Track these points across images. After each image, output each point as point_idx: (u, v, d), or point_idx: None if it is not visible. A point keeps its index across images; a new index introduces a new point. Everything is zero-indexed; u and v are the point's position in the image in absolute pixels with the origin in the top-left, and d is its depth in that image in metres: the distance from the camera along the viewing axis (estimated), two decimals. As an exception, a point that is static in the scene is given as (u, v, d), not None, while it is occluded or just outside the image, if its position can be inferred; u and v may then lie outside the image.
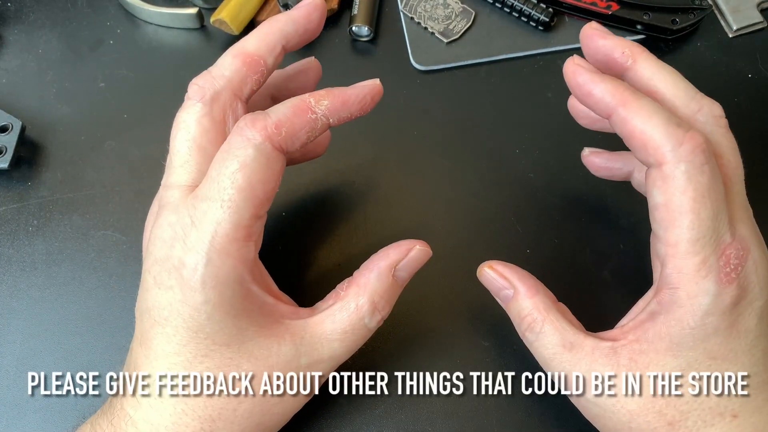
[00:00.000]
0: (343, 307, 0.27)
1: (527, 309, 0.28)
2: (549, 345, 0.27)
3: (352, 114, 0.28)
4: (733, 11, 0.43)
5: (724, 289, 0.24)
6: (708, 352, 0.24)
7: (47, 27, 0.44)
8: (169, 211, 0.25)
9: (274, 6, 0.42)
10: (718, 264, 0.23)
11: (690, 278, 0.24)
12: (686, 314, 0.24)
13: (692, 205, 0.23)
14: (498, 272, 0.29)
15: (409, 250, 0.28)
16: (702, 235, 0.23)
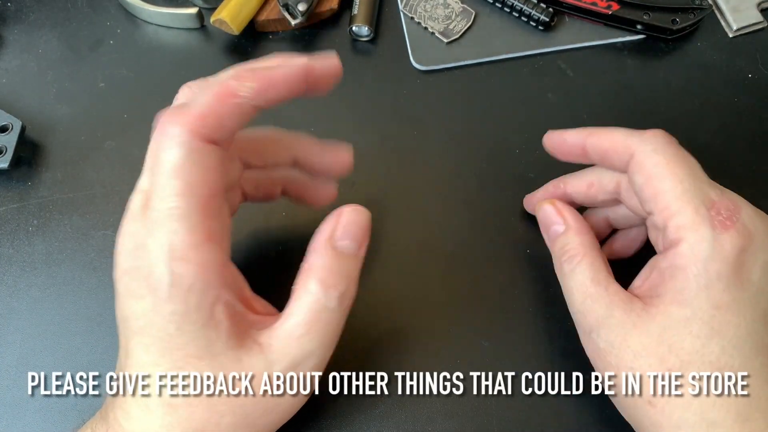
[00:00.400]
0: (297, 299, 0.26)
1: (573, 243, 0.30)
2: (581, 276, 0.29)
3: (281, 96, 0.25)
4: (733, 11, 0.43)
5: (721, 235, 0.25)
6: (712, 300, 0.25)
7: (47, 27, 0.44)
8: (130, 219, 0.25)
9: (274, 6, 0.42)
10: (709, 214, 0.26)
11: (688, 229, 0.26)
12: (689, 262, 0.26)
13: (667, 168, 0.27)
14: (557, 208, 0.32)
15: (339, 216, 0.27)
16: (686, 188, 0.26)
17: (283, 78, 0.25)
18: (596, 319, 0.28)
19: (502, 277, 0.35)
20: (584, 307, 0.28)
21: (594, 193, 0.32)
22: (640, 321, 0.26)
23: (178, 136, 0.23)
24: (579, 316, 0.29)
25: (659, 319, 0.26)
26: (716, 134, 0.39)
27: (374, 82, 0.42)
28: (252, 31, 0.43)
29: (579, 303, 0.29)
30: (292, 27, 0.42)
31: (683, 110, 0.40)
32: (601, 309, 0.28)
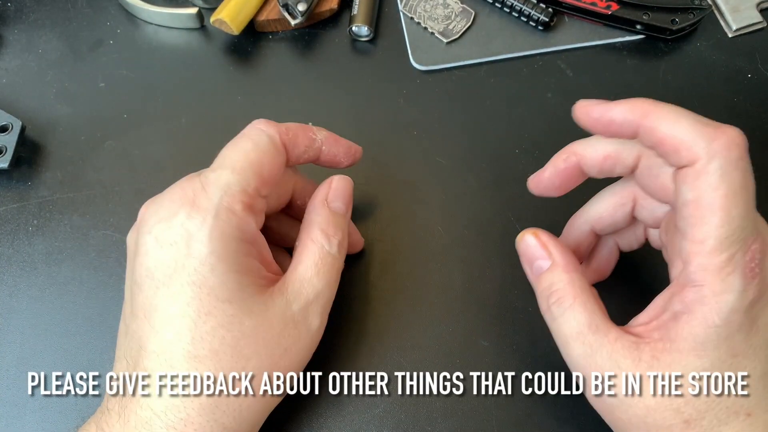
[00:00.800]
0: (303, 248, 0.30)
1: (561, 283, 0.27)
2: (575, 323, 0.26)
3: (338, 156, 0.32)
4: (732, 11, 0.43)
5: (749, 285, 0.23)
6: (731, 350, 0.24)
7: (47, 27, 0.44)
8: (182, 181, 0.28)
9: (274, 6, 0.42)
10: (744, 260, 0.23)
11: (716, 275, 0.23)
12: (711, 312, 0.24)
13: (724, 202, 0.23)
14: (541, 241, 0.29)
15: (330, 183, 0.32)
16: (732, 232, 0.23)
17: (346, 144, 0.33)
18: (599, 371, 0.25)
19: (502, 277, 0.35)
20: (584, 359, 0.26)
21: (609, 166, 0.28)
22: (651, 373, 0.25)
23: (267, 130, 0.29)
24: (578, 368, 0.27)
25: (674, 368, 0.24)
26: (716, 134, 0.39)
27: (374, 82, 0.42)
28: (252, 31, 0.43)
29: (577, 354, 0.26)
30: (291, 27, 0.42)
31: (683, 110, 0.40)
32: (605, 361, 0.25)
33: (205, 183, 0.27)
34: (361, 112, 0.41)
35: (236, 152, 0.28)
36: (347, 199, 0.32)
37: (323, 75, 0.42)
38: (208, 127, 0.40)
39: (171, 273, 0.26)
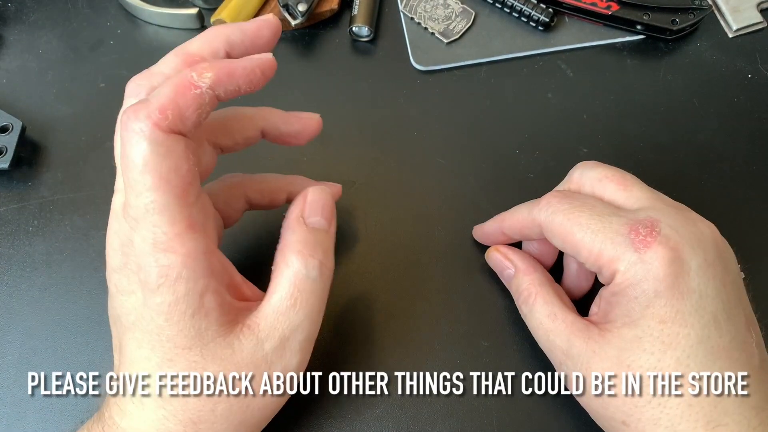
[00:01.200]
0: (277, 275, 0.27)
1: (525, 284, 0.31)
2: (537, 315, 0.30)
3: (241, 87, 0.26)
4: (733, 11, 0.43)
5: (645, 254, 0.26)
6: (656, 317, 0.26)
7: (47, 27, 0.44)
8: (113, 218, 0.26)
9: (275, 6, 0.42)
10: (628, 238, 0.26)
11: (615, 260, 0.27)
12: (626, 288, 0.26)
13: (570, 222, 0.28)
14: (503, 254, 0.34)
15: (304, 197, 0.29)
16: (594, 228, 0.27)
17: (242, 70, 0.25)
18: (561, 352, 0.29)
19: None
20: (548, 343, 0.30)
21: (527, 234, 0.32)
22: (598, 347, 0.27)
23: (142, 131, 0.23)
24: (547, 352, 0.30)
25: (615, 342, 0.27)
26: (716, 134, 0.39)
27: (374, 82, 0.42)
28: (252, 32, 0.43)
29: (543, 340, 0.30)
30: (292, 27, 0.42)
31: (683, 110, 0.40)
32: (563, 342, 0.29)
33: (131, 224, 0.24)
34: (361, 113, 0.41)
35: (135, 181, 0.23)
36: (328, 213, 0.29)
37: (323, 75, 0.42)
38: (208, 127, 0.40)
39: (133, 320, 0.25)
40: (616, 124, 0.40)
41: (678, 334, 0.25)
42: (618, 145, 0.39)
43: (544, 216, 0.29)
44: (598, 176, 0.30)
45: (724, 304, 0.26)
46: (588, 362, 0.27)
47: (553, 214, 0.29)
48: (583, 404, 0.29)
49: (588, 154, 0.39)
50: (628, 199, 0.29)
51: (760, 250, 0.35)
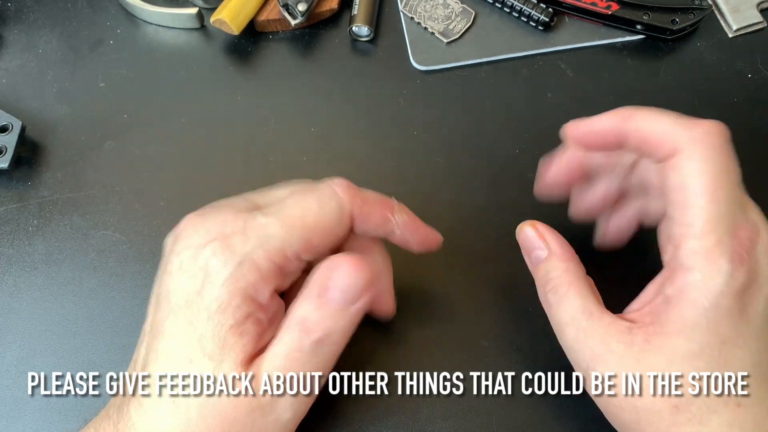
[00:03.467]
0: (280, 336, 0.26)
1: (557, 271, 0.28)
2: (569, 309, 0.27)
3: (412, 244, 0.29)
4: (732, 11, 0.43)
5: (737, 270, 0.24)
6: (719, 335, 0.24)
7: (47, 27, 0.44)
8: (230, 210, 0.26)
9: (274, 6, 0.42)
10: (732, 244, 0.24)
11: (705, 258, 0.24)
12: (700, 295, 0.24)
13: (708, 185, 0.24)
14: (539, 232, 0.30)
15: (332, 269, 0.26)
16: (718, 215, 0.24)
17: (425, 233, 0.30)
18: (592, 355, 0.26)
19: (502, 277, 0.35)
20: (577, 343, 0.27)
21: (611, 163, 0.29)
22: (643, 356, 0.25)
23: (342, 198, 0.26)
24: (572, 352, 0.27)
25: (665, 352, 0.25)
26: (716, 134, 0.39)
27: (374, 82, 0.42)
28: (252, 31, 0.43)
29: (571, 339, 0.27)
30: (292, 27, 0.42)
31: (683, 110, 0.40)
32: (596, 344, 0.26)
33: (248, 225, 0.25)
34: (361, 113, 0.41)
35: (296, 207, 0.26)
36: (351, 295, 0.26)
37: (323, 75, 0.42)
38: (208, 127, 0.40)
39: (182, 305, 0.25)
40: (616, 124, 0.40)
41: (735, 356, 0.24)
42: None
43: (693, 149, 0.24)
44: None
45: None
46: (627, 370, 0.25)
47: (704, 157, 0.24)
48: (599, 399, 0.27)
49: (588, 154, 0.39)
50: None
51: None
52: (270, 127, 0.40)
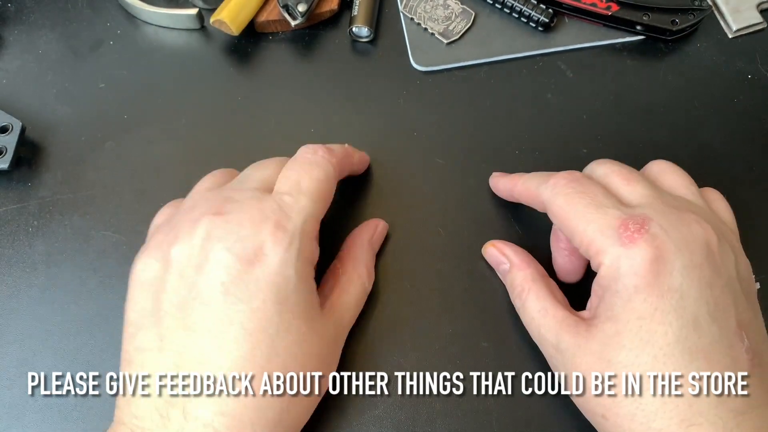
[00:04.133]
0: (349, 280, 0.33)
1: (519, 279, 0.32)
2: (530, 310, 0.31)
3: (359, 171, 0.37)
4: (732, 12, 0.43)
5: (630, 249, 0.26)
6: (636, 312, 0.26)
7: (47, 28, 0.44)
8: (255, 198, 0.29)
9: (274, 7, 0.42)
10: (617, 232, 0.27)
11: (602, 251, 0.27)
12: (610, 281, 0.27)
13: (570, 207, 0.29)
14: (498, 248, 0.35)
15: (376, 227, 0.36)
16: (589, 218, 0.28)
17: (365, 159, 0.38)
18: (551, 346, 0.29)
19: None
20: (539, 338, 0.30)
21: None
22: (584, 342, 0.28)
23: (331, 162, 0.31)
24: (539, 346, 0.31)
25: (598, 337, 0.27)
26: (716, 134, 0.39)
27: (374, 82, 0.42)
28: (252, 32, 0.43)
29: (535, 334, 0.31)
30: (292, 28, 0.42)
31: (683, 111, 0.40)
32: (552, 337, 0.29)
33: (283, 206, 0.28)
34: (361, 113, 0.41)
35: (311, 181, 0.30)
36: (381, 242, 0.36)
37: (323, 76, 0.42)
38: (208, 127, 0.40)
39: (252, 289, 0.27)
40: (616, 124, 0.40)
41: (656, 331, 0.26)
42: (618, 145, 0.39)
43: (548, 195, 0.30)
44: (606, 171, 0.31)
45: (708, 306, 0.26)
46: (573, 357, 0.28)
47: (556, 196, 0.30)
48: (571, 398, 0.29)
49: (588, 154, 0.39)
50: (630, 194, 0.29)
51: (759, 250, 0.35)
52: (270, 127, 0.40)
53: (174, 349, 0.26)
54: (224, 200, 0.29)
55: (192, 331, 0.26)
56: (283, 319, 0.27)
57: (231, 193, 0.30)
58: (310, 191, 0.29)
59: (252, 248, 0.27)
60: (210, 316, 0.26)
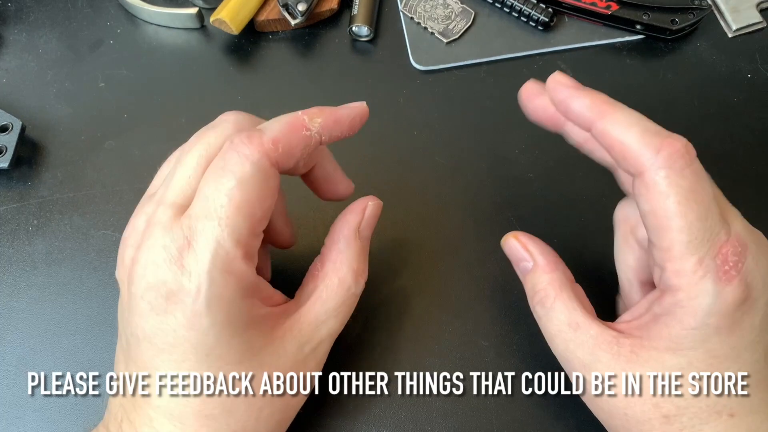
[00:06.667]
0: (327, 287, 0.28)
1: (543, 283, 0.28)
2: (556, 321, 0.27)
3: (342, 133, 0.27)
4: (732, 11, 0.43)
5: (725, 288, 0.23)
6: (709, 351, 0.24)
7: (47, 27, 0.44)
8: (161, 231, 0.24)
9: (274, 6, 0.42)
10: (715, 263, 0.23)
11: (688, 280, 0.24)
12: (687, 315, 0.24)
13: (677, 208, 0.23)
14: (522, 243, 0.30)
15: (363, 209, 0.29)
16: (693, 236, 0.23)
17: (346, 117, 0.27)
18: (581, 364, 0.26)
19: (501, 276, 0.35)
20: (567, 353, 0.27)
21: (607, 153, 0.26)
22: (629, 366, 0.25)
23: (251, 154, 0.24)
24: (562, 361, 0.28)
25: (652, 365, 0.25)
26: (716, 134, 0.39)
27: (374, 82, 0.42)
28: (252, 31, 0.43)
29: (561, 349, 0.27)
30: (291, 27, 0.42)
31: (682, 110, 0.40)
32: (585, 355, 0.26)
33: (190, 237, 0.24)
34: (361, 112, 0.41)
35: (218, 194, 0.24)
36: (373, 227, 0.30)
37: (323, 75, 0.42)
38: (208, 127, 0.40)
39: (172, 341, 0.24)
40: (616, 124, 0.40)
41: (728, 368, 0.24)
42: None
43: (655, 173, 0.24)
44: None
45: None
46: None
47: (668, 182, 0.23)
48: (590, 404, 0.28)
49: (588, 154, 0.39)
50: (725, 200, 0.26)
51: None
52: (270, 127, 0.40)
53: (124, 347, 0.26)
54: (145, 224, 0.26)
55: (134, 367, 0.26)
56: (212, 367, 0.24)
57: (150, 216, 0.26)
58: (217, 210, 0.23)
59: (160, 298, 0.24)
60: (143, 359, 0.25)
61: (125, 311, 0.26)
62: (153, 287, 0.24)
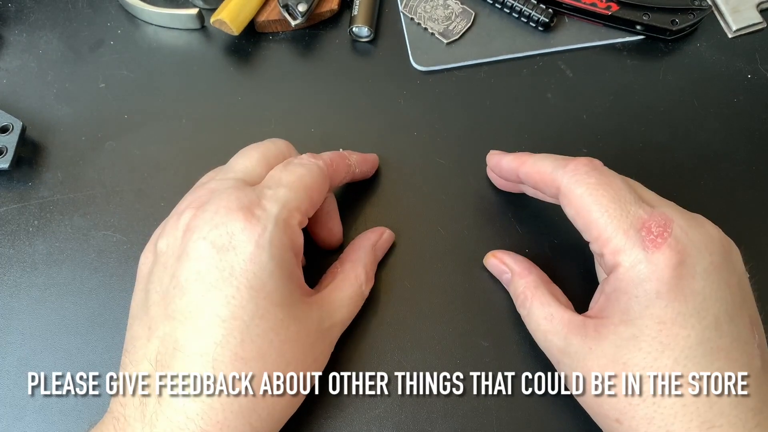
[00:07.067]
0: (345, 279, 0.32)
1: (521, 287, 0.32)
2: (535, 317, 0.31)
3: (367, 172, 0.37)
4: (732, 11, 0.43)
5: (654, 255, 0.26)
6: (655, 317, 0.26)
7: (48, 27, 0.44)
8: (233, 189, 0.29)
9: (274, 6, 0.42)
10: (639, 235, 0.26)
11: (621, 253, 0.27)
12: (628, 285, 0.27)
13: (591, 199, 0.28)
14: (498, 258, 0.34)
15: (382, 233, 0.36)
16: (612, 215, 0.27)
17: (371, 159, 0.37)
18: (558, 351, 0.29)
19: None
20: (546, 343, 0.30)
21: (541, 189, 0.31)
22: (595, 344, 0.27)
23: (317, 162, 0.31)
24: (546, 352, 0.30)
25: (611, 339, 0.27)
26: (716, 134, 0.39)
27: (374, 82, 0.42)
28: (252, 32, 0.43)
29: (542, 341, 0.30)
30: (292, 28, 0.42)
31: (683, 110, 0.40)
32: (560, 341, 0.29)
33: (261, 195, 0.29)
34: (361, 113, 0.41)
35: (291, 175, 0.30)
36: (385, 251, 0.36)
37: (323, 75, 0.42)
38: (208, 127, 0.40)
39: (226, 276, 0.26)
40: (616, 124, 0.40)
41: (677, 335, 0.25)
42: (618, 145, 0.39)
43: (566, 182, 0.29)
44: None
45: (727, 305, 0.26)
46: (584, 359, 0.27)
47: (577, 184, 0.28)
48: (580, 402, 0.29)
49: (588, 154, 0.39)
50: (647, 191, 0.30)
51: (760, 250, 0.35)
52: (270, 127, 0.40)
53: (159, 336, 0.27)
54: (207, 192, 0.29)
55: (172, 319, 0.27)
56: (259, 306, 0.27)
57: (215, 184, 0.30)
58: (290, 182, 0.29)
59: (226, 235, 0.27)
60: (187, 304, 0.27)
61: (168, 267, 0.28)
62: (221, 225, 0.27)
